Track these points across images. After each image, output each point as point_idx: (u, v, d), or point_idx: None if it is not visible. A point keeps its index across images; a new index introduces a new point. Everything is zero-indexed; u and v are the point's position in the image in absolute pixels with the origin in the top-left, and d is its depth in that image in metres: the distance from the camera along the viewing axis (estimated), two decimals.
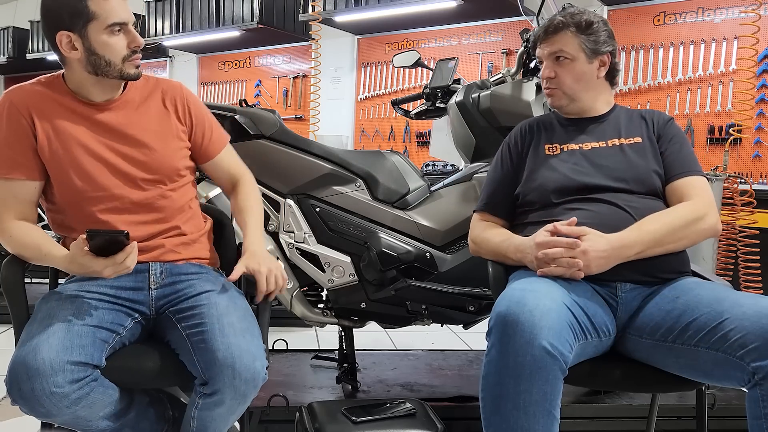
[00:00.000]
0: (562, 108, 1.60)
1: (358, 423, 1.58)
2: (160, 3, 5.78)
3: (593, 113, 1.60)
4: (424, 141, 5.09)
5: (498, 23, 4.73)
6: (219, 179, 1.61)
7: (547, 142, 1.60)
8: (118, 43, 1.33)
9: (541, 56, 1.58)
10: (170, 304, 1.41)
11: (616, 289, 1.40)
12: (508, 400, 1.18)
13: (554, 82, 1.56)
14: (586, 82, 1.56)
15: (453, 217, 1.98)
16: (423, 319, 1.98)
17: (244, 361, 1.25)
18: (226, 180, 1.60)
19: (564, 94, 1.57)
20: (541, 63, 1.60)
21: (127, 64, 1.36)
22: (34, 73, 7.75)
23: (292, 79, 5.83)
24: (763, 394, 1.15)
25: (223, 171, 1.59)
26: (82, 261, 1.26)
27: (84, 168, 1.38)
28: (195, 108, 1.53)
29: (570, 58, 1.54)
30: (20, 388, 1.18)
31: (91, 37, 1.31)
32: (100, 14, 1.29)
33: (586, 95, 1.58)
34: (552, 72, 1.55)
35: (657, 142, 1.54)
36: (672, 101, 4.02)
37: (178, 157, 1.47)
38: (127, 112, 1.43)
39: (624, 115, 1.61)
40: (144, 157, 1.42)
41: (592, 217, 1.42)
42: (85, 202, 1.39)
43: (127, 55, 1.35)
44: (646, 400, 1.95)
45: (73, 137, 1.38)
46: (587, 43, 1.53)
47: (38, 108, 1.37)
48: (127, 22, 1.34)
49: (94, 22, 1.30)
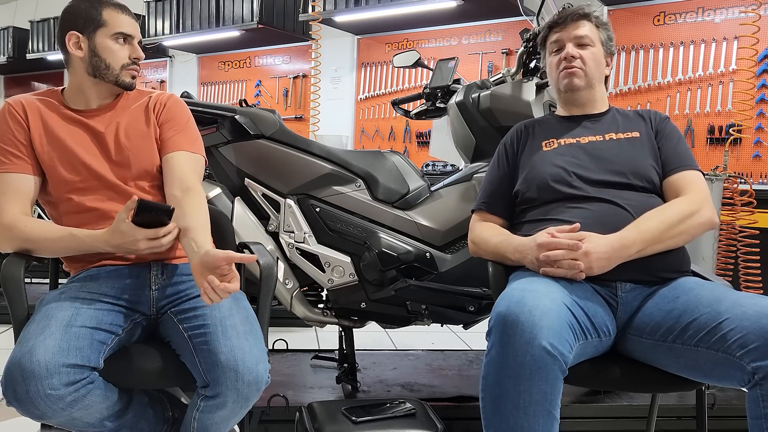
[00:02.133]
0: (578, 91, 1.59)
1: (358, 423, 1.58)
2: (160, 3, 5.78)
3: (593, 110, 1.62)
4: (424, 141, 5.09)
5: (498, 23, 4.73)
6: (167, 181, 1.47)
7: (545, 138, 1.60)
8: (120, 50, 1.46)
9: (562, 39, 1.58)
10: (172, 305, 1.41)
11: (616, 289, 1.40)
12: (508, 400, 1.18)
13: (578, 62, 1.56)
14: (600, 72, 1.60)
15: (453, 217, 1.98)
16: (423, 319, 1.98)
17: (247, 364, 1.25)
18: (174, 183, 1.45)
19: (585, 75, 1.57)
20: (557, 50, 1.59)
21: (124, 72, 1.47)
22: (34, 73, 7.75)
23: (292, 79, 5.83)
24: (763, 394, 1.15)
25: (173, 172, 1.47)
26: (125, 228, 1.29)
27: (72, 162, 1.44)
28: (171, 106, 1.55)
29: (591, 44, 1.57)
30: (15, 389, 1.18)
31: (97, 40, 1.45)
32: (110, 23, 1.45)
33: (598, 85, 1.61)
34: (576, 52, 1.56)
35: (655, 138, 1.55)
36: (672, 101, 4.01)
37: (154, 156, 1.50)
38: (113, 118, 1.50)
39: (619, 113, 1.63)
40: (122, 157, 1.47)
41: (591, 216, 1.42)
42: (75, 193, 1.44)
43: (127, 63, 1.47)
44: (646, 400, 1.95)
45: (63, 135, 1.45)
46: (604, 37, 1.60)
47: (33, 111, 1.47)
48: (133, 36, 1.48)
49: (103, 29, 1.45)
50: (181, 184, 1.44)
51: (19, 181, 1.42)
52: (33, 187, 1.44)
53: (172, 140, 1.51)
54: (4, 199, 1.40)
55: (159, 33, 5.86)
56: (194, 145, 1.53)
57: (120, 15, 1.47)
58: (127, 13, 1.49)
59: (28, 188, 1.43)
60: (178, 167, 1.47)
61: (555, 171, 1.51)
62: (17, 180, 1.42)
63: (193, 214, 1.38)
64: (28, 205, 1.43)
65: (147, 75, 6.94)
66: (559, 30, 1.59)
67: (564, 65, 1.57)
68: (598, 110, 1.62)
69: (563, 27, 1.58)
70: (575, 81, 1.57)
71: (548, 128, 1.63)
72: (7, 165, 1.42)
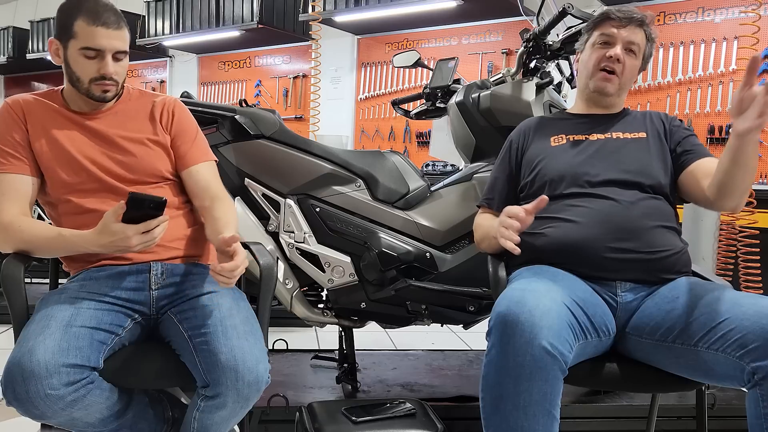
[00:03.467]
0: (608, 96, 1.58)
1: (358, 423, 1.58)
2: (160, 3, 5.78)
3: (612, 110, 1.63)
4: (424, 141, 5.09)
5: (498, 23, 4.73)
6: (195, 194, 1.53)
7: (553, 134, 1.61)
8: (87, 65, 1.39)
9: (616, 36, 1.53)
10: (172, 305, 1.41)
11: (616, 289, 1.40)
12: (508, 400, 1.18)
13: (619, 67, 1.53)
14: (631, 83, 1.59)
15: (453, 217, 1.98)
16: (423, 319, 1.98)
17: (248, 364, 1.25)
18: (202, 195, 1.52)
19: (619, 83, 1.56)
20: (605, 43, 1.53)
21: (94, 86, 1.41)
22: (34, 73, 7.75)
23: (292, 79, 5.83)
24: (763, 394, 1.15)
25: (199, 185, 1.53)
26: (114, 228, 1.26)
27: (71, 164, 1.43)
28: (180, 117, 1.56)
29: (637, 54, 1.55)
30: (15, 389, 1.18)
31: (69, 51, 1.40)
32: (80, 36, 1.37)
33: (624, 93, 1.61)
34: (623, 57, 1.53)
35: (669, 139, 1.55)
36: (672, 101, 4.01)
37: (160, 161, 1.50)
38: (114, 120, 1.49)
39: (629, 114, 1.63)
40: (125, 160, 1.47)
41: (592, 214, 1.42)
42: (74, 194, 1.43)
43: (95, 78, 1.40)
44: (646, 400, 1.95)
45: (63, 136, 1.44)
46: (647, 51, 1.57)
47: (31, 111, 1.46)
48: (104, 50, 1.38)
49: (73, 40, 1.38)
50: (208, 194, 1.52)
51: (18, 181, 1.42)
52: (31, 187, 1.44)
53: (190, 154, 1.54)
54: (2, 199, 1.40)
55: (159, 33, 5.86)
56: (208, 152, 1.59)
57: (93, 28, 1.36)
58: (105, 23, 1.36)
59: (27, 189, 1.43)
60: (203, 180, 1.53)
61: (563, 166, 1.52)
62: (16, 181, 1.42)
63: (223, 217, 1.47)
64: (27, 206, 1.43)
65: (147, 75, 6.94)
66: (617, 26, 1.53)
67: (605, 65, 1.53)
68: (613, 111, 1.63)
69: (622, 25, 1.53)
70: (608, 87, 1.56)
71: (558, 125, 1.63)
72: (6, 166, 1.42)
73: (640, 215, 1.41)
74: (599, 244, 1.40)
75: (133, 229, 1.26)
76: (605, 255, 1.39)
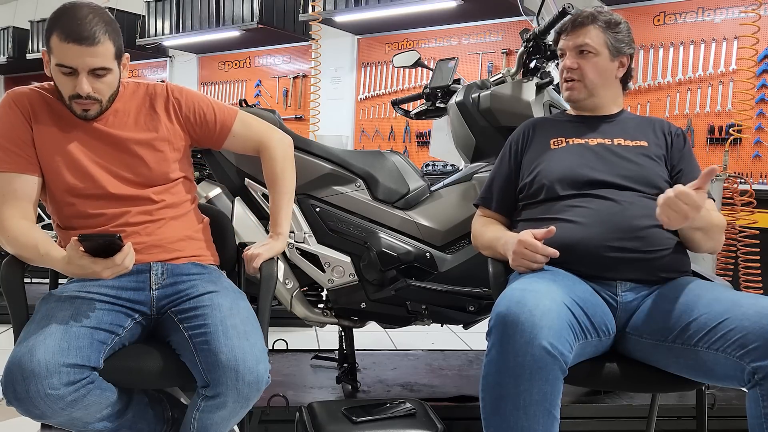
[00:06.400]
0: (579, 102, 1.60)
1: (358, 423, 1.58)
2: (160, 3, 5.78)
3: (604, 112, 1.62)
4: (424, 141, 5.09)
5: (498, 23, 4.73)
6: (245, 152, 1.64)
7: (553, 137, 1.61)
8: (66, 81, 1.34)
9: (564, 47, 1.58)
10: (172, 305, 1.41)
11: (616, 289, 1.40)
12: (508, 400, 1.18)
13: (576, 74, 1.56)
14: (606, 78, 1.58)
15: (453, 217, 1.98)
16: (423, 319, 1.98)
17: (248, 364, 1.25)
18: (252, 150, 1.63)
19: (584, 87, 1.57)
20: (562, 56, 1.59)
21: (74, 103, 1.37)
22: (34, 73, 7.73)
23: (292, 79, 5.83)
24: (763, 394, 1.15)
25: (243, 144, 1.61)
26: (80, 263, 1.26)
27: (77, 168, 1.41)
28: (185, 100, 1.52)
29: (594, 52, 1.55)
30: (15, 389, 1.17)
31: (51, 66, 1.35)
32: (55, 52, 1.32)
33: (603, 92, 1.60)
34: (575, 63, 1.55)
35: (668, 150, 1.55)
36: (672, 101, 4.02)
37: (169, 162, 1.49)
38: (115, 120, 1.45)
39: (631, 118, 1.63)
40: (133, 163, 1.45)
41: (592, 215, 1.42)
42: (77, 197, 1.41)
43: (73, 95, 1.35)
44: (646, 400, 1.95)
45: (64, 138, 1.41)
46: (612, 40, 1.55)
47: (35, 108, 1.41)
48: (77, 68, 1.31)
49: (52, 55, 1.33)
50: (255, 146, 1.62)
51: (18, 181, 1.38)
52: (33, 187, 1.40)
53: (214, 133, 1.56)
54: (1, 201, 1.37)
55: (159, 33, 5.85)
56: (225, 114, 1.58)
57: (65, 44, 1.28)
58: (78, 40, 1.28)
59: (28, 189, 1.39)
60: (241, 139, 1.60)
61: (562, 169, 1.52)
62: (15, 180, 1.38)
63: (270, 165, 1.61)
64: (28, 207, 1.39)
65: (147, 75, 6.94)
66: (565, 37, 1.58)
67: (565, 77, 1.58)
68: (610, 112, 1.62)
69: (570, 32, 1.57)
70: (574, 94, 1.59)
71: (558, 127, 1.63)
72: (7, 164, 1.38)
73: (640, 215, 1.41)
74: (599, 243, 1.40)
75: (101, 264, 1.25)
76: (605, 255, 1.39)
